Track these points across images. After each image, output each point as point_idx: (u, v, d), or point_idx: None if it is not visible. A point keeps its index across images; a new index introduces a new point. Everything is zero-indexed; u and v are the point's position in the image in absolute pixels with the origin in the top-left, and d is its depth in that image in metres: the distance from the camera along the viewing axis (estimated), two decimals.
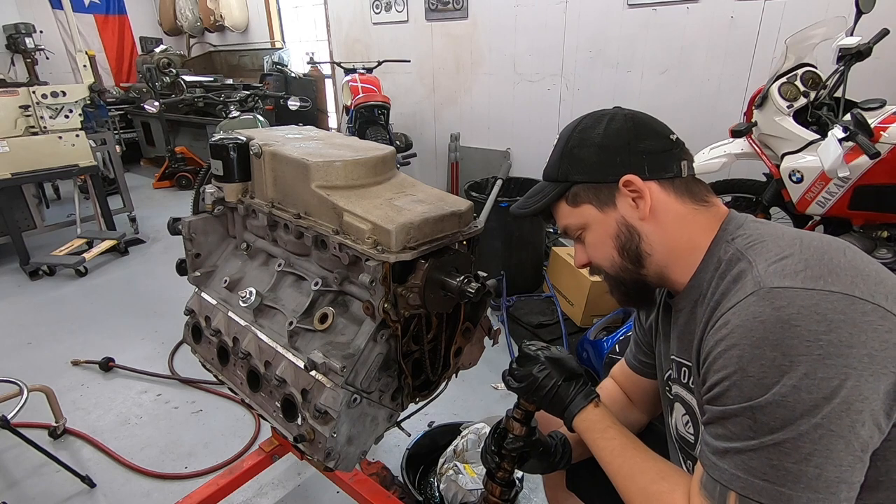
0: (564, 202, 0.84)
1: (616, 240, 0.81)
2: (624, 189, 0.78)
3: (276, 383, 1.03)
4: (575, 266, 0.91)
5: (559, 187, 0.83)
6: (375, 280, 0.89)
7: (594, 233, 0.83)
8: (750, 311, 0.62)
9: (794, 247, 0.67)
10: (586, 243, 0.85)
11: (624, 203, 0.79)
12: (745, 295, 0.64)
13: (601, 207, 0.81)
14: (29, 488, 1.76)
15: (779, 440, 0.59)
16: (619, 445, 0.81)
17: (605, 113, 0.83)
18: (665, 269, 0.80)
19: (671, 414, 0.91)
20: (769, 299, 0.61)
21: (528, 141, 4.13)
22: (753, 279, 0.65)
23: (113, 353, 2.44)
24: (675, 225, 0.78)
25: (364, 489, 1.46)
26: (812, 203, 2.09)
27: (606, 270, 0.85)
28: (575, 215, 0.83)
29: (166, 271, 3.43)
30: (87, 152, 3.56)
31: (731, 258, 0.72)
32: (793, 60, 2.17)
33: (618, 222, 0.80)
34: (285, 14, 6.47)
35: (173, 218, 1.24)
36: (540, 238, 3.06)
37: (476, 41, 4.23)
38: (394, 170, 1.14)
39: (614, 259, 0.82)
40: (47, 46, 6.35)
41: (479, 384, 2.22)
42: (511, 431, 0.95)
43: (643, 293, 0.86)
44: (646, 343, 1.02)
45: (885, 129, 1.87)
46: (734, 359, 0.62)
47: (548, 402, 0.89)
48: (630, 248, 0.80)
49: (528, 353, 0.92)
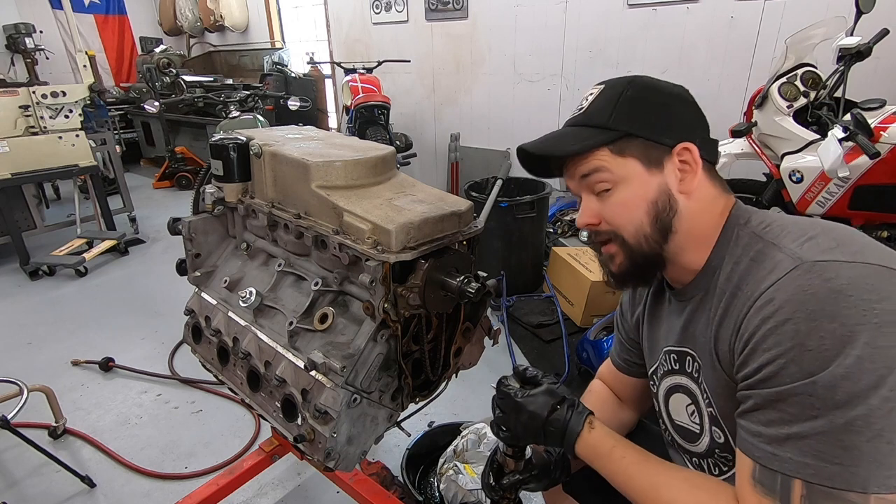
0: (608, 149, 0.75)
1: (652, 206, 0.74)
2: (676, 157, 0.74)
3: (276, 383, 1.03)
4: (578, 223, 0.81)
5: (608, 134, 0.74)
6: (375, 280, 0.89)
7: (629, 191, 0.75)
8: (797, 285, 0.60)
9: (816, 228, 0.66)
10: (612, 200, 0.76)
11: (671, 170, 0.74)
12: (784, 271, 0.62)
13: (648, 167, 0.74)
14: (29, 488, 1.76)
15: (850, 418, 0.56)
16: (631, 463, 0.77)
17: (652, 79, 0.78)
18: (681, 250, 0.76)
19: (666, 405, 0.89)
20: (816, 272, 0.60)
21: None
22: (789, 256, 0.63)
23: (113, 353, 2.44)
24: (704, 208, 0.75)
25: (364, 489, 1.46)
26: (812, 203, 2.09)
27: (624, 235, 0.76)
28: (616, 165, 0.74)
29: (166, 271, 3.43)
30: (87, 152, 3.56)
31: (748, 243, 0.70)
32: (793, 60, 2.17)
33: (660, 188, 0.74)
34: (285, 14, 6.47)
35: (173, 218, 1.24)
36: (540, 238, 3.07)
37: (476, 41, 4.23)
38: (394, 170, 1.14)
39: (642, 225, 0.75)
40: (47, 46, 6.35)
41: (479, 384, 2.22)
42: (507, 468, 0.93)
43: (651, 270, 0.80)
44: (629, 340, 1.01)
45: (885, 129, 1.87)
46: (789, 333, 0.59)
47: (541, 440, 0.85)
48: (664, 218, 0.74)
49: (505, 393, 0.87)
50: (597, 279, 2.47)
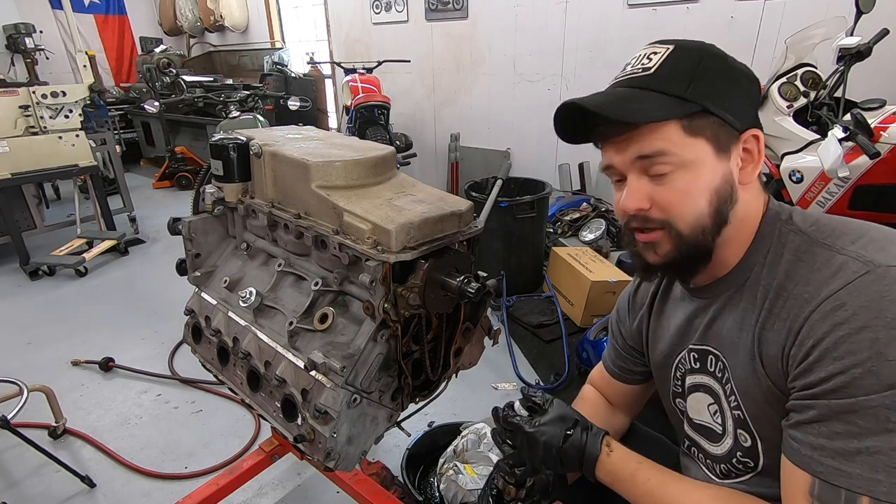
0: (679, 126, 0.66)
1: (715, 195, 0.68)
2: (742, 143, 0.69)
3: (276, 383, 1.03)
4: (623, 207, 0.72)
5: (684, 106, 0.66)
6: (375, 280, 0.89)
7: (694, 176, 0.67)
8: (874, 290, 0.57)
9: (867, 229, 0.64)
10: (671, 184, 0.68)
11: (734, 158, 0.69)
12: (855, 274, 0.59)
13: (718, 152, 0.68)
14: (29, 488, 1.76)
15: None
16: (656, 485, 0.74)
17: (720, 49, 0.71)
18: (724, 243, 0.71)
19: (686, 405, 0.87)
20: (893, 277, 0.57)
21: (528, 141, 4.12)
22: (856, 259, 0.60)
23: (113, 353, 2.44)
24: (751, 202, 0.72)
25: (364, 489, 1.46)
26: (812, 203, 2.09)
27: (678, 225, 0.69)
28: (686, 146, 0.67)
29: (166, 271, 3.42)
30: (87, 152, 3.56)
31: (793, 241, 0.67)
32: (793, 60, 2.17)
33: (724, 176, 0.68)
34: (285, 14, 6.47)
35: (173, 218, 1.24)
36: (540, 238, 3.07)
37: (476, 41, 4.23)
38: (394, 170, 1.14)
39: (702, 215, 0.68)
40: (47, 46, 6.36)
41: (479, 384, 2.22)
42: (507, 496, 0.92)
43: (696, 264, 0.73)
44: (626, 348, 0.99)
45: (885, 129, 1.87)
46: (867, 342, 0.56)
47: (559, 467, 0.82)
48: (723, 210, 0.69)
49: (515, 424, 0.84)
50: (597, 279, 2.47)
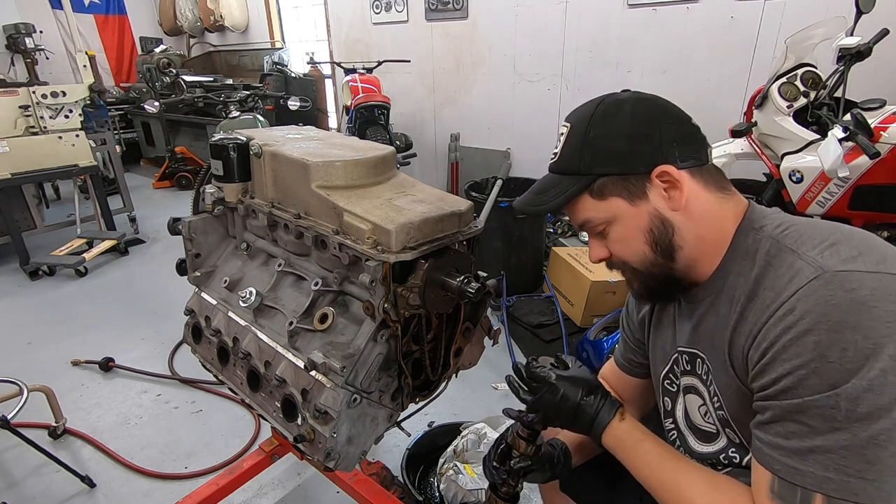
0: (588, 195, 0.77)
1: (648, 234, 0.75)
2: (657, 180, 0.73)
3: (276, 383, 1.03)
4: (591, 260, 0.84)
5: (582, 181, 0.76)
6: (375, 280, 0.89)
7: (623, 227, 0.77)
8: (819, 295, 0.59)
9: (836, 234, 0.65)
10: (611, 238, 0.79)
11: (656, 194, 0.74)
12: (805, 280, 0.61)
13: (632, 200, 0.75)
14: (29, 488, 1.76)
15: (874, 432, 0.55)
16: (655, 457, 0.77)
17: (621, 98, 0.77)
18: (693, 261, 0.76)
19: (676, 405, 0.89)
20: (838, 282, 0.59)
21: (528, 141, 4.12)
22: (809, 264, 0.62)
23: (113, 353, 2.44)
24: (705, 215, 0.74)
25: (364, 489, 1.46)
26: (812, 203, 2.09)
27: (634, 265, 0.79)
28: (601, 209, 0.77)
29: (166, 271, 3.43)
30: (87, 152, 3.56)
31: (764, 247, 0.69)
32: (793, 60, 2.16)
33: (650, 215, 0.75)
34: (285, 14, 6.47)
35: (173, 218, 1.24)
36: (540, 238, 3.07)
37: (476, 41, 4.23)
38: (394, 170, 1.14)
39: (645, 254, 0.77)
40: (47, 46, 6.35)
41: (479, 384, 2.22)
42: (517, 450, 0.92)
43: (669, 287, 0.81)
44: (634, 340, 1.00)
45: (885, 129, 1.87)
46: (810, 345, 0.58)
47: (570, 423, 0.85)
48: (663, 241, 0.75)
49: (538, 375, 0.86)
50: (597, 279, 2.47)
